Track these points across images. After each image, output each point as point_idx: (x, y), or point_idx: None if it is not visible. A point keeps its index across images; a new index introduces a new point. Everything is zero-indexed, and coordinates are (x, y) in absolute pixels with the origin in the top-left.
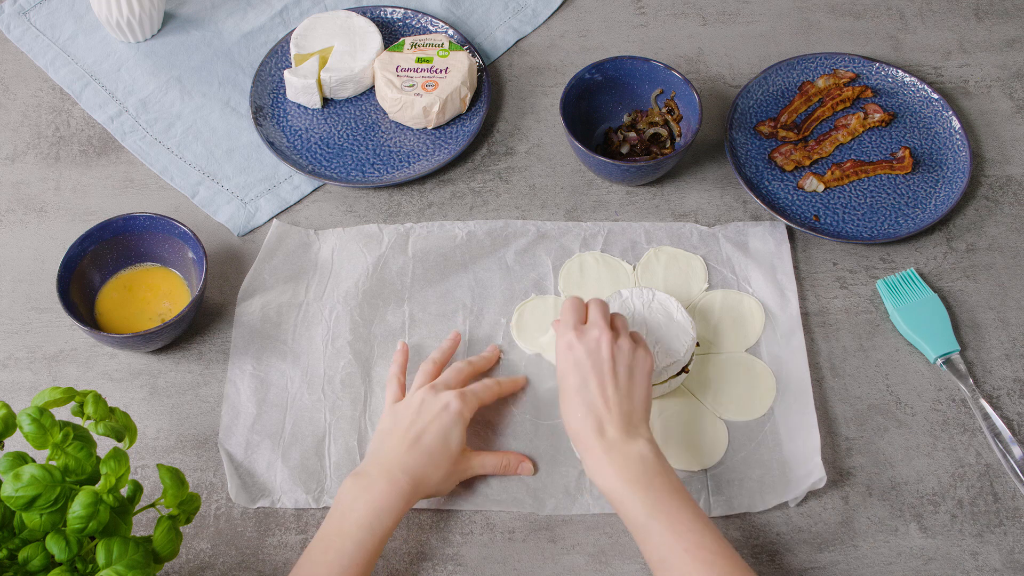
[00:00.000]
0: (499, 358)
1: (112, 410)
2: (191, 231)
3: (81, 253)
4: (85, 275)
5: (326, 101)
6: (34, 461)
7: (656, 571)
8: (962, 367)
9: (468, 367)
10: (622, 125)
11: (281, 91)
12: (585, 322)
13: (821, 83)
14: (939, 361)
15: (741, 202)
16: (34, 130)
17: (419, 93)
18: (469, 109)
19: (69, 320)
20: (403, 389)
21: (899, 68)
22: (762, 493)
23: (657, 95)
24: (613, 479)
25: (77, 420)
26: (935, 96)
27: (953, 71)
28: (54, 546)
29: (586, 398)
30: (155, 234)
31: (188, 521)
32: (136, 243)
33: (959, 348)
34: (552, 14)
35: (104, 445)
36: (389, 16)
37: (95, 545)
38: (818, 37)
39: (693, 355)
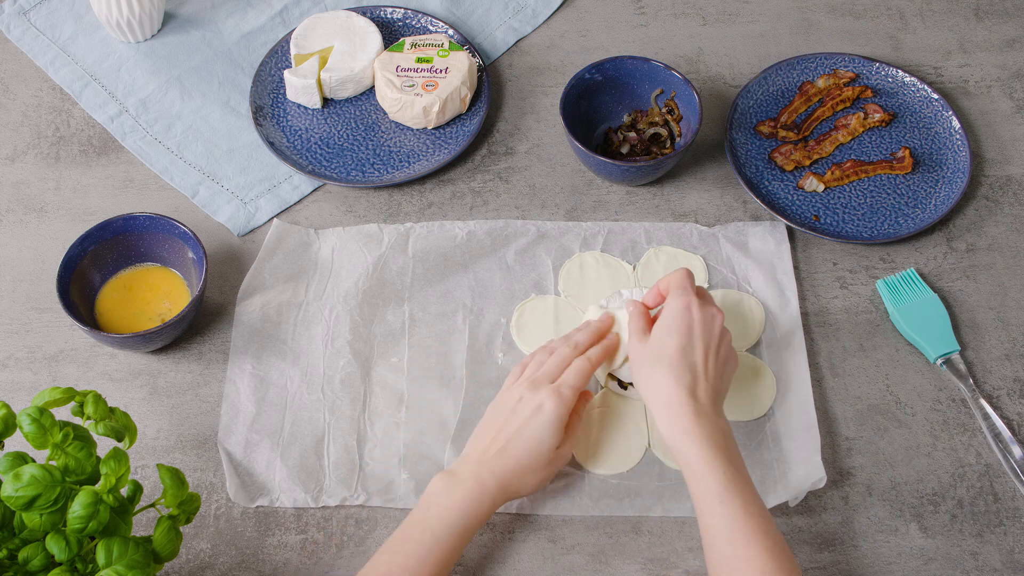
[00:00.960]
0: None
1: (112, 410)
2: (191, 231)
3: (81, 253)
4: (85, 275)
5: (326, 101)
6: (34, 461)
7: (715, 542)
8: (962, 367)
9: (572, 351)
10: (622, 125)
11: (281, 91)
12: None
13: (821, 83)
14: (939, 361)
15: (741, 202)
16: (34, 130)
17: (419, 93)
18: (469, 109)
19: (69, 320)
20: (523, 370)
21: (899, 68)
22: (762, 493)
23: (657, 95)
24: (699, 444)
25: (77, 420)
26: (935, 96)
27: (953, 71)
28: (54, 546)
29: (689, 359)
30: (155, 234)
31: (188, 521)
32: (136, 243)
33: (959, 348)
34: (552, 14)
35: (104, 445)
36: (389, 16)
37: (95, 545)
38: (818, 37)
39: None
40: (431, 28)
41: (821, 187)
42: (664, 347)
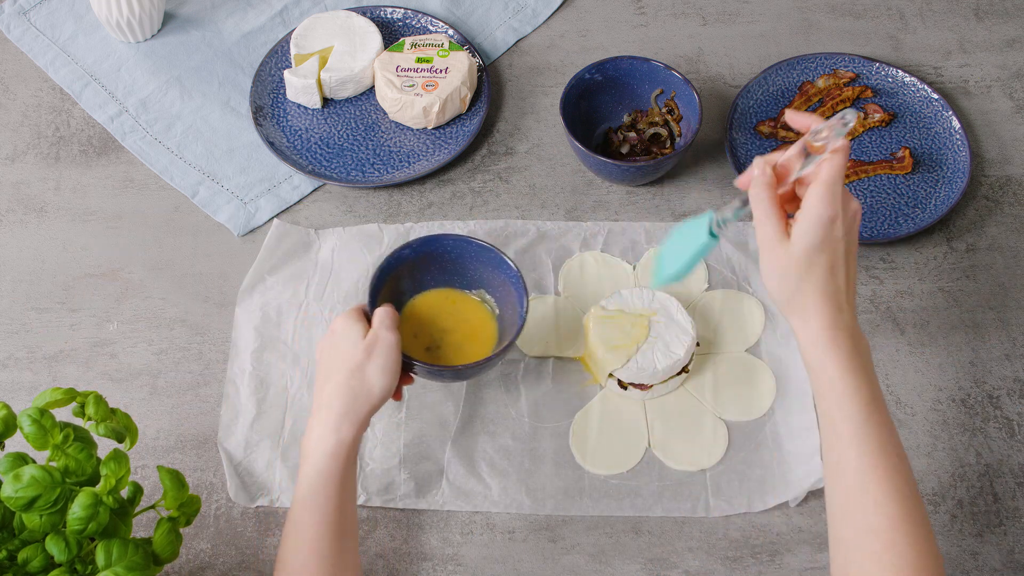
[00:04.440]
0: None
1: (113, 411)
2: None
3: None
4: (396, 287)
5: (326, 101)
6: (34, 462)
7: (841, 477)
8: (727, 213)
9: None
10: (622, 125)
11: (281, 91)
12: None
13: (821, 83)
14: (711, 227)
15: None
16: (34, 130)
17: (419, 93)
18: (469, 109)
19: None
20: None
21: (899, 68)
22: (762, 493)
23: (657, 95)
24: (839, 362)
25: (78, 421)
26: (935, 96)
27: (953, 71)
28: (54, 547)
29: (836, 281)
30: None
31: (188, 523)
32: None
33: (711, 213)
34: (552, 14)
35: (104, 445)
36: (389, 16)
37: (95, 546)
38: (818, 37)
39: (693, 355)
40: (431, 28)
41: None
42: (812, 267)
